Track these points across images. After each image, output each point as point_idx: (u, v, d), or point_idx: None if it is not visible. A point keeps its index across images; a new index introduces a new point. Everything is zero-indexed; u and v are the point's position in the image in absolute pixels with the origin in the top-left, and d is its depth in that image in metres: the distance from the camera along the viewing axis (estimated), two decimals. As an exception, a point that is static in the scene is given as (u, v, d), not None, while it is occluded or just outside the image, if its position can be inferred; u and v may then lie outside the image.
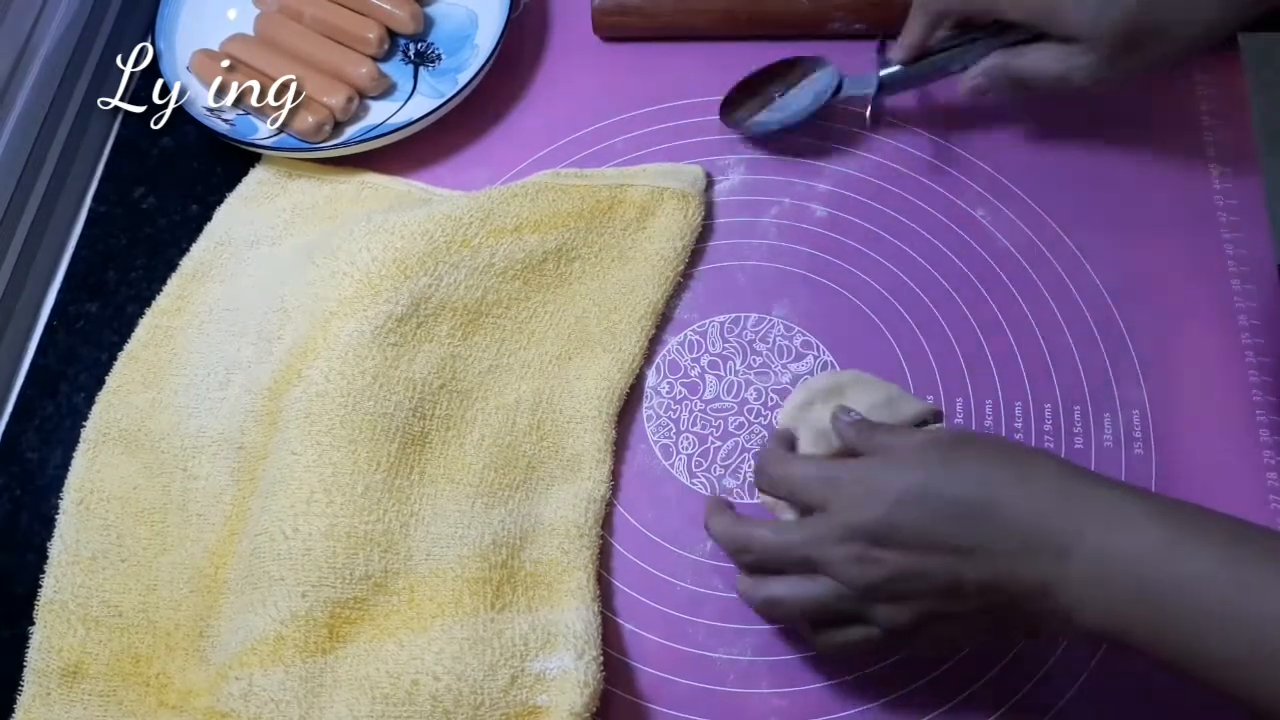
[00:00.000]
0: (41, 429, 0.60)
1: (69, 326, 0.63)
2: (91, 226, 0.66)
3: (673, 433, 0.58)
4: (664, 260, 0.61)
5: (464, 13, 0.70)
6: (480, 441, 0.56)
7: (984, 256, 0.62)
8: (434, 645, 0.49)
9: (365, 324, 0.56)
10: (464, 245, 0.59)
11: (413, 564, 0.52)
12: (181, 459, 0.57)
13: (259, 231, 0.64)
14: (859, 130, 0.66)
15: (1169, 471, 0.56)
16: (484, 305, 0.59)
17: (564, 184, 0.63)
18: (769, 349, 0.60)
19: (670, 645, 0.53)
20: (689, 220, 0.62)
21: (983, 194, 0.64)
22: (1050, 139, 0.65)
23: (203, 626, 0.53)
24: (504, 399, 0.57)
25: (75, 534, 0.56)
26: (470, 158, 0.67)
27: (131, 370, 0.60)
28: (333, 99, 0.65)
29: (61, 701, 0.52)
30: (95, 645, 0.53)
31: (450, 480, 0.55)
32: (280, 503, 0.52)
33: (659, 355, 0.60)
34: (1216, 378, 0.58)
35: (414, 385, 0.56)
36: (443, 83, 0.68)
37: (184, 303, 0.62)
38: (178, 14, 0.70)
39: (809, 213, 0.64)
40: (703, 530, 0.55)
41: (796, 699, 0.52)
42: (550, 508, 0.55)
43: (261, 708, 0.49)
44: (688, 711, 0.52)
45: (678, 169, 0.64)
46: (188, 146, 0.68)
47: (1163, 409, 0.58)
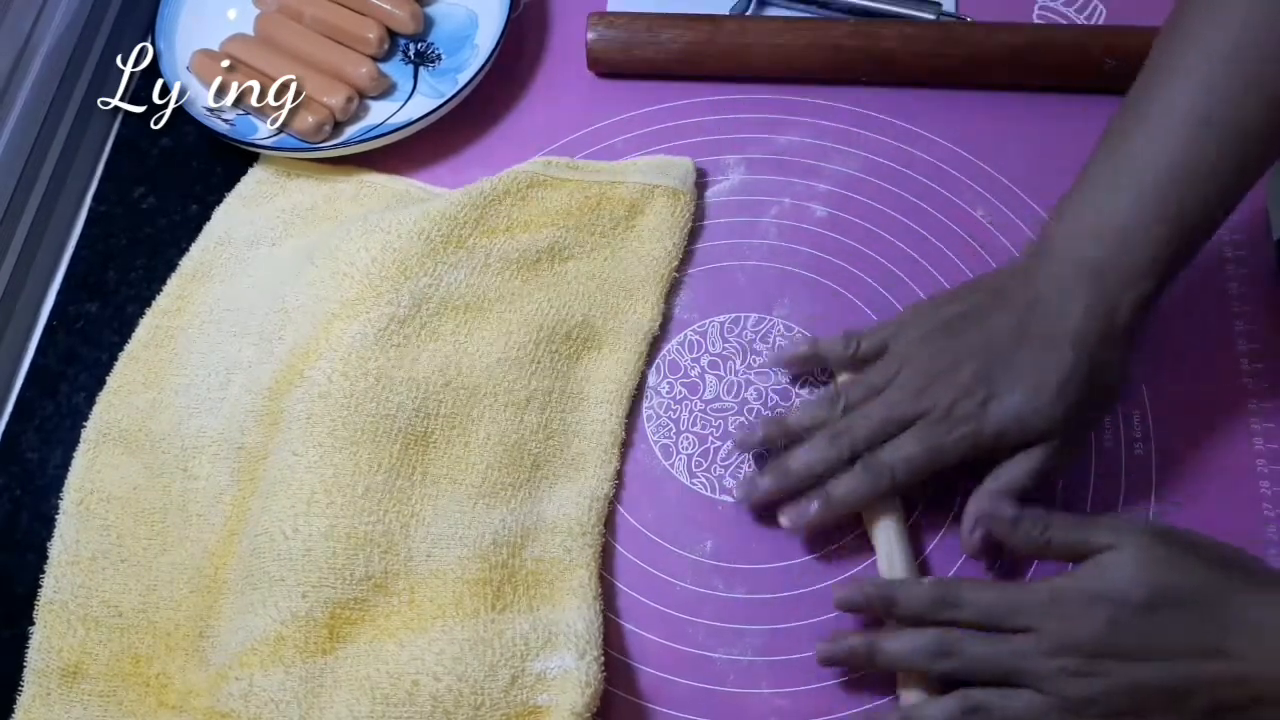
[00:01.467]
0: (41, 429, 0.60)
1: (69, 326, 0.63)
2: (91, 226, 0.66)
3: (673, 433, 0.58)
4: (657, 260, 0.61)
5: (464, 13, 0.70)
6: (486, 440, 0.56)
7: (984, 256, 0.62)
8: (434, 646, 0.49)
9: (368, 326, 0.56)
10: (459, 245, 0.59)
11: (413, 565, 0.52)
12: (182, 459, 0.57)
13: (259, 231, 0.64)
14: (858, 129, 0.66)
15: (1169, 471, 0.56)
16: (486, 302, 0.59)
17: (555, 176, 0.63)
18: (769, 349, 0.60)
19: (670, 645, 0.53)
20: (678, 218, 0.62)
21: (983, 194, 0.64)
22: (1050, 139, 0.65)
23: (203, 627, 0.53)
24: (514, 396, 0.57)
25: (75, 534, 0.56)
26: (470, 158, 0.67)
27: (131, 370, 0.60)
28: (333, 99, 0.65)
29: (61, 702, 0.52)
30: (95, 645, 0.53)
31: (452, 480, 0.55)
32: (281, 503, 0.52)
33: (659, 355, 0.60)
34: (1215, 378, 0.58)
35: (417, 384, 0.56)
36: (443, 83, 0.68)
37: (184, 303, 0.62)
38: (178, 14, 0.70)
39: (809, 213, 0.64)
40: (702, 530, 0.55)
41: (796, 699, 0.52)
42: (553, 506, 0.55)
43: (261, 708, 0.49)
44: (688, 711, 0.52)
45: (668, 162, 0.64)
46: (188, 146, 0.68)
47: (1163, 409, 0.58)
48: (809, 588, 0.54)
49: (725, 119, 0.67)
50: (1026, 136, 0.66)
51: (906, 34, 0.66)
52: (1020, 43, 0.66)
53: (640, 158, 0.65)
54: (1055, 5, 0.70)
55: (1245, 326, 0.60)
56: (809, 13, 0.71)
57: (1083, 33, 0.67)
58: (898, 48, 0.66)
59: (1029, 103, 0.66)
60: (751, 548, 0.55)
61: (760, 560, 0.55)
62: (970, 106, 0.67)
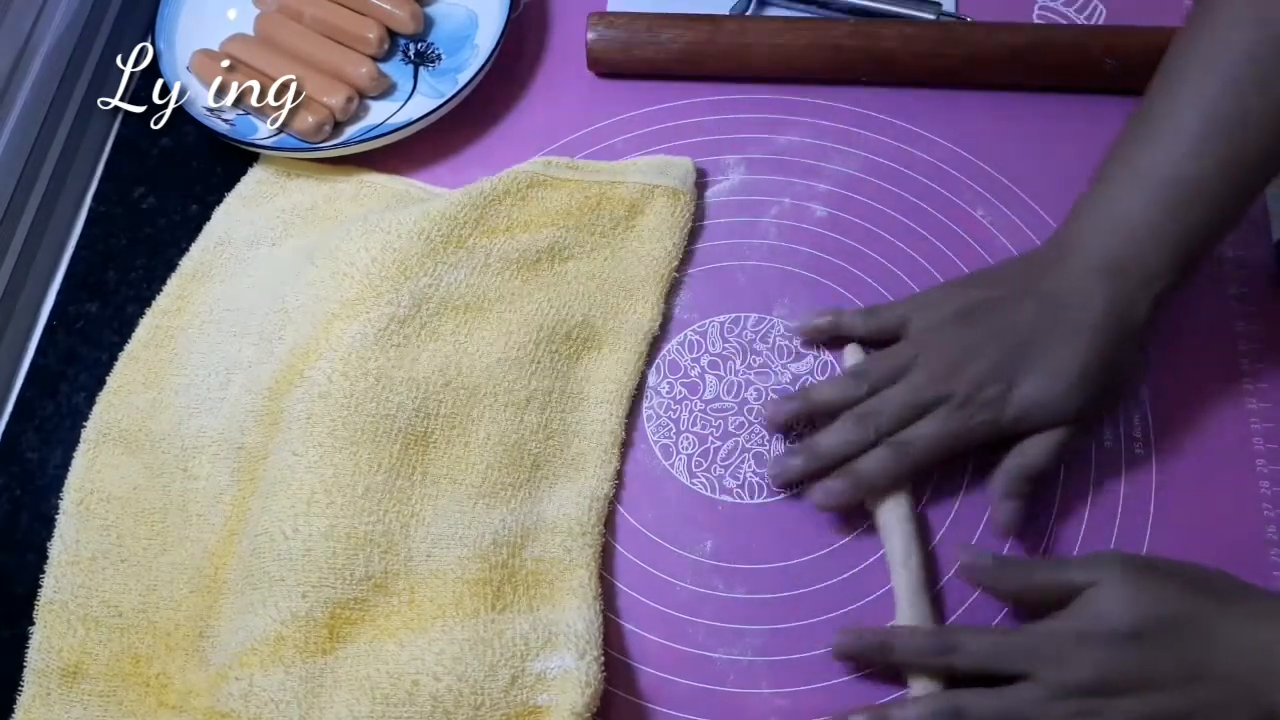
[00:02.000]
0: (41, 429, 0.60)
1: (69, 326, 0.63)
2: (91, 226, 0.66)
3: (673, 433, 0.58)
4: (657, 260, 0.61)
5: (464, 13, 0.70)
6: (486, 440, 0.56)
7: (984, 256, 0.62)
8: (434, 646, 0.49)
9: (369, 326, 0.56)
10: (459, 245, 0.59)
11: (413, 565, 0.52)
12: (182, 459, 0.57)
13: (259, 231, 0.64)
14: (858, 129, 0.66)
15: (1169, 472, 0.56)
16: (486, 302, 0.59)
17: (555, 176, 0.63)
18: (769, 349, 0.60)
19: (670, 645, 0.53)
20: (678, 218, 0.63)
21: (983, 194, 0.64)
22: (1051, 139, 0.65)
23: (203, 627, 0.53)
24: (514, 395, 0.57)
25: (75, 534, 0.56)
26: (470, 158, 0.67)
27: (131, 370, 0.60)
28: (333, 99, 0.65)
29: (61, 702, 0.52)
30: (95, 645, 0.53)
31: (452, 480, 0.55)
32: (281, 503, 0.52)
33: (659, 355, 0.60)
34: (1215, 378, 0.58)
35: (417, 384, 0.56)
36: (443, 83, 0.68)
37: (184, 303, 0.62)
38: (178, 14, 0.70)
39: (809, 213, 0.64)
40: (702, 530, 0.55)
41: (796, 699, 0.52)
42: (553, 506, 0.55)
43: (261, 708, 0.49)
44: (688, 711, 0.52)
45: (668, 161, 0.64)
46: (188, 146, 0.68)
47: (1163, 409, 0.58)
48: (809, 588, 0.54)
49: (725, 119, 0.67)
50: (1026, 136, 0.66)
51: (906, 34, 0.66)
52: (1020, 43, 0.66)
53: (640, 158, 0.65)
54: (1055, 5, 0.71)
55: (1245, 326, 0.60)
56: (809, 13, 0.71)
57: (1083, 33, 0.67)
58: (898, 48, 0.66)
59: (1029, 103, 0.66)
60: (751, 548, 0.55)
61: (760, 560, 0.55)
62: (970, 106, 0.66)
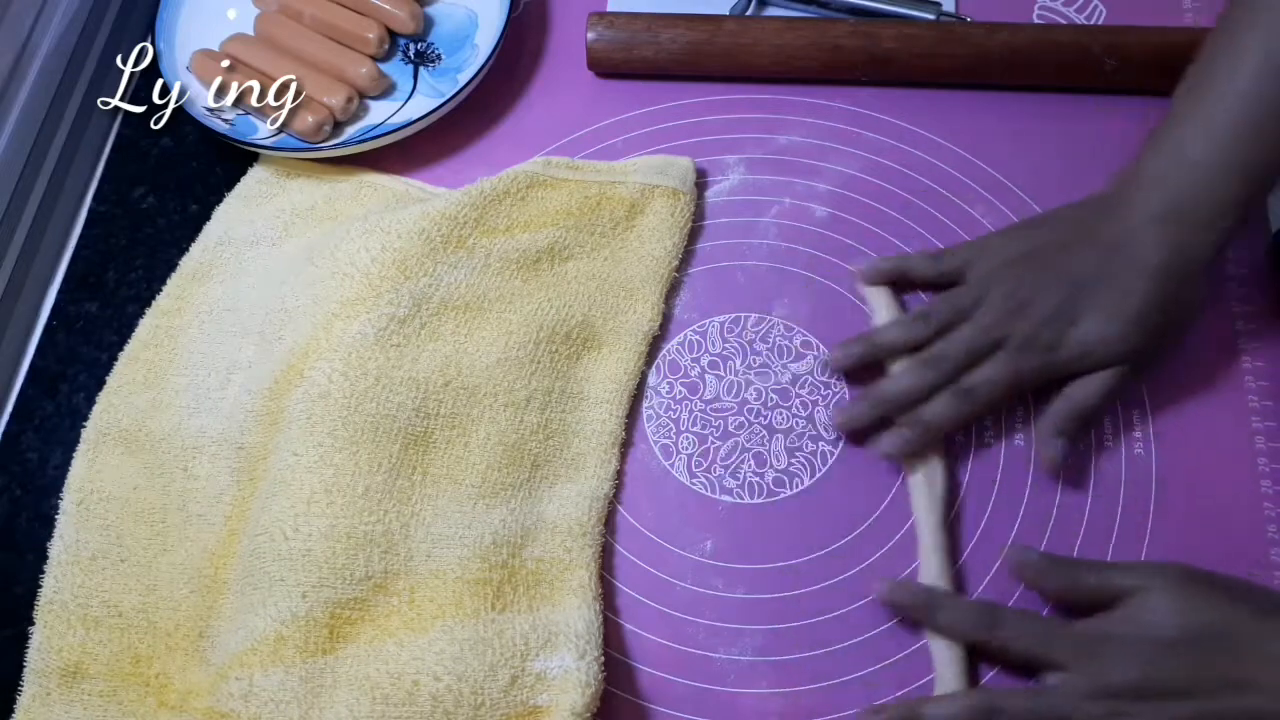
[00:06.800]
0: (41, 429, 0.60)
1: (69, 326, 0.63)
2: (91, 226, 0.66)
3: (673, 433, 0.58)
4: (656, 260, 0.61)
5: (464, 13, 0.70)
6: (486, 440, 0.56)
7: (984, 256, 0.62)
8: (434, 646, 0.49)
9: (369, 326, 0.56)
10: (459, 245, 0.59)
11: (413, 565, 0.52)
12: (182, 459, 0.57)
13: (259, 231, 0.64)
14: (858, 129, 0.66)
15: (1169, 471, 0.56)
16: (486, 302, 0.59)
17: (555, 176, 0.63)
18: (769, 349, 0.60)
19: (670, 645, 0.53)
20: (678, 218, 0.62)
21: (982, 193, 0.64)
22: (1050, 139, 0.65)
23: (203, 627, 0.53)
24: (514, 396, 0.57)
25: (75, 534, 0.56)
26: (470, 158, 0.67)
27: (131, 370, 0.60)
28: (333, 99, 0.65)
29: (61, 702, 0.52)
30: (95, 645, 0.53)
31: (452, 480, 0.55)
32: (281, 503, 0.52)
33: (659, 355, 0.60)
34: (1215, 377, 0.58)
35: (417, 384, 0.56)
36: (443, 83, 0.68)
37: (184, 303, 0.62)
38: (178, 14, 0.70)
39: (809, 213, 0.64)
40: (702, 530, 0.55)
41: (797, 699, 0.52)
42: (553, 506, 0.55)
43: (261, 708, 0.49)
44: (688, 711, 0.52)
45: (668, 161, 0.64)
46: (188, 146, 0.68)
47: (1163, 409, 0.58)
48: (809, 588, 0.54)
49: (725, 119, 0.67)
50: (1026, 136, 0.66)
51: (906, 34, 0.66)
52: (1020, 42, 0.66)
53: (640, 158, 0.65)
54: (1055, 5, 0.71)
55: (1245, 327, 0.60)
56: (809, 13, 0.71)
57: (1083, 33, 0.67)
58: (897, 48, 0.66)
59: (1029, 103, 0.66)
60: (751, 548, 0.55)
61: (760, 560, 0.55)
62: (970, 106, 0.66)
